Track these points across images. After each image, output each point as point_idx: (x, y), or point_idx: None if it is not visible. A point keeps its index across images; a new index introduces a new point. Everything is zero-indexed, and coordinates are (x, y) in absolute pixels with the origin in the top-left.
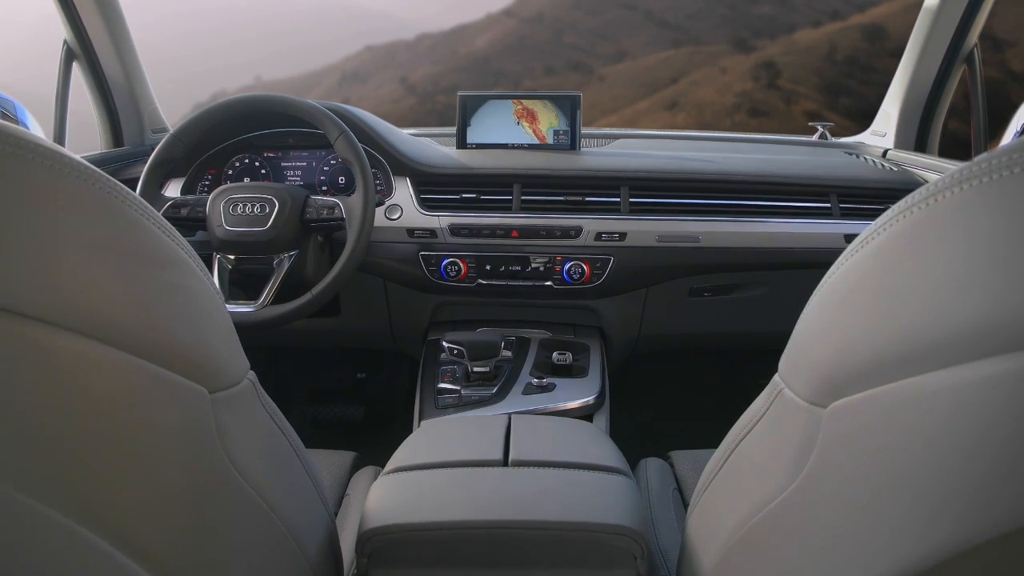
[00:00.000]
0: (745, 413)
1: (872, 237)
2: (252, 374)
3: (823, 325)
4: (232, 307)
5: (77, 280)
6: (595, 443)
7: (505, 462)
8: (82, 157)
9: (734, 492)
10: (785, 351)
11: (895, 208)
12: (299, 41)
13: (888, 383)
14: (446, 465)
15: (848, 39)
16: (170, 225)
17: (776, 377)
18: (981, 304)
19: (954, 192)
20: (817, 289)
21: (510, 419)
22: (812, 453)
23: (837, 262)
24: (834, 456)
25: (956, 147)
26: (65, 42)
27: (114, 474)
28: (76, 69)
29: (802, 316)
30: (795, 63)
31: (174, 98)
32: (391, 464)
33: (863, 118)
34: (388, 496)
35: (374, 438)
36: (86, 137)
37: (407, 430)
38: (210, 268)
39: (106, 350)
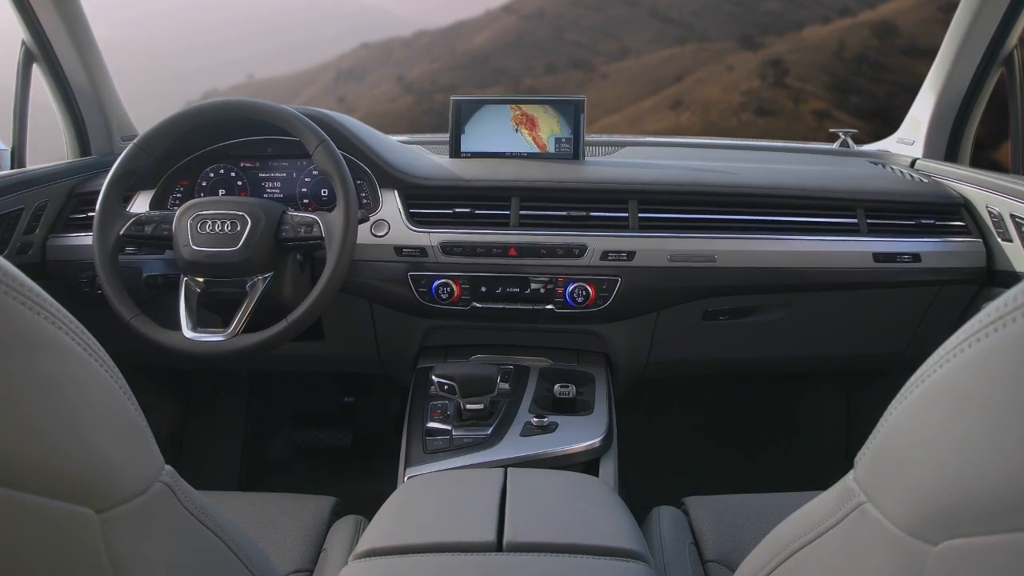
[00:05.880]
0: (805, 511)
1: (1002, 323)
2: (168, 472)
3: (929, 436)
4: (200, 335)
5: None
6: (605, 512)
7: (499, 544)
8: (47, 167)
9: None
10: (866, 453)
11: None
12: (293, 38)
13: None
14: (428, 549)
15: (858, 36)
16: (39, 292)
17: (851, 482)
18: None
19: None
20: (915, 382)
21: (506, 476)
22: None
23: (946, 350)
24: None
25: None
26: (23, 43)
27: None
28: (38, 73)
29: (892, 416)
30: (803, 61)
31: (165, 97)
32: (366, 541)
33: (873, 117)
34: None
35: (362, 466)
36: (61, 143)
37: (396, 459)
38: (178, 291)
39: None
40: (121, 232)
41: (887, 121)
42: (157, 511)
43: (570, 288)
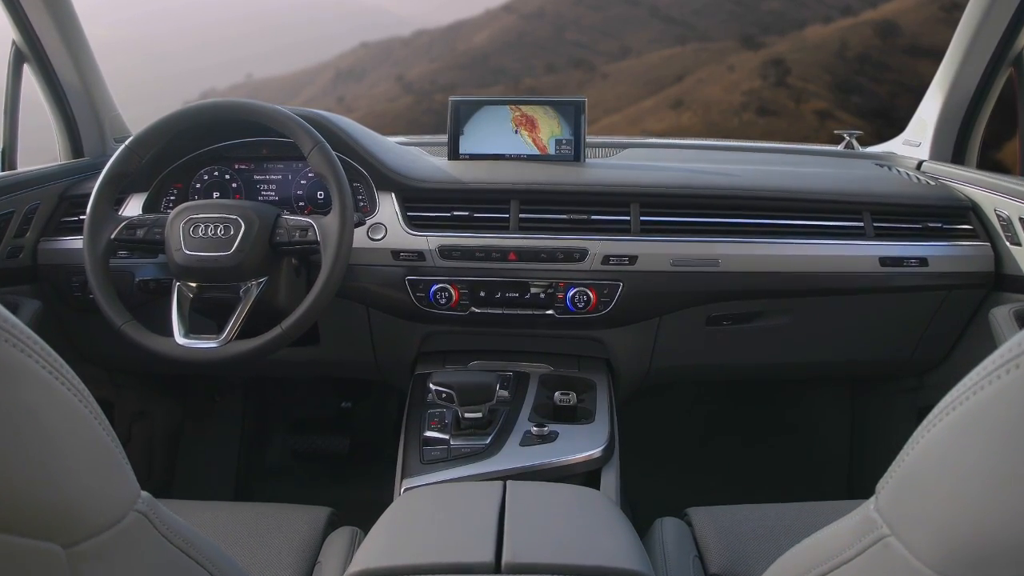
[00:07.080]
0: (821, 539)
1: None
2: (145, 499)
3: (960, 469)
4: (193, 342)
5: None
6: (606, 529)
7: (498, 566)
8: (39, 169)
9: None
10: (889, 482)
11: None
12: (292, 37)
13: None
14: (424, 570)
15: (859, 35)
16: (1, 311)
17: (873, 513)
18: None
19: None
20: (944, 409)
21: (505, 489)
22: None
23: (979, 376)
24: None
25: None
26: (14, 43)
27: None
28: (29, 73)
29: (918, 444)
30: (805, 60)
31: (163, 97)
32: (360, 560)
33: (875, 117)
34: None
35: (360, 472)
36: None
37: (394, 465)
38: (170, 296)
39: None
40: (112, 236)
41: (889, 121)
42: (132, 542)
43: (571, 293)
